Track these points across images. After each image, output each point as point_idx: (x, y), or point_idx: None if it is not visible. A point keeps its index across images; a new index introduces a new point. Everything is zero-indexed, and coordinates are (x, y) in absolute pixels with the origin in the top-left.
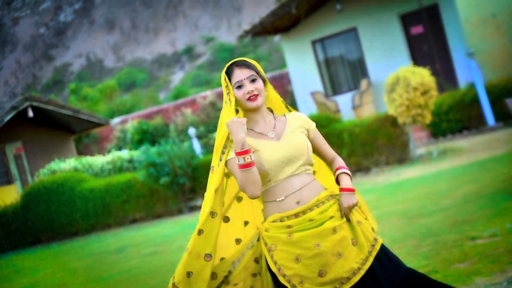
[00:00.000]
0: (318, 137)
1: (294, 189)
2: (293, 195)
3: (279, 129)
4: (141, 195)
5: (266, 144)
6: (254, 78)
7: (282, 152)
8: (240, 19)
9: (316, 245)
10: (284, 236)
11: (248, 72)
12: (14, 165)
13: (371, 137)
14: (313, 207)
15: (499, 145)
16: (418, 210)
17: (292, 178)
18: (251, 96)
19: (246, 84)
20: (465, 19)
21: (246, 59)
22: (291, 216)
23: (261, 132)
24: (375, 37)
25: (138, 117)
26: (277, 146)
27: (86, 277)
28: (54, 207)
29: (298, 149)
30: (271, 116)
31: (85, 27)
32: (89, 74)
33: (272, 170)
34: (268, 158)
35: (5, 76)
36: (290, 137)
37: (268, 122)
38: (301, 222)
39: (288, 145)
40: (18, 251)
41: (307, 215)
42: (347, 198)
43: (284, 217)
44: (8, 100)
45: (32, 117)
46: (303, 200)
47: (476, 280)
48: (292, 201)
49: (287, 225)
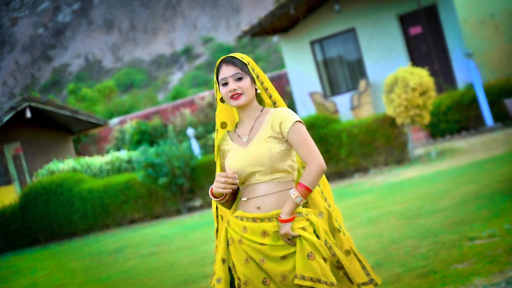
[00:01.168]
0: (292, 138)
1: (257, 194)
2: (255, 200)
3: (254, 131)
4: (140, 195)
5: (235, 151)
6: (239, 77)
7: (243, 160)
8: (238, 19)
9: (261, 260)
10: (237, 238)
11: (233, 70)
12: (13, 166)
13: (369, 138)
14: (273, 219)
15: (498, 145)
16: (417, 210)
17: (259, 185)
18: (234, 95)
19: (230, 82)
20: (463, 19)
21: (237, 55)
22: (249, 218)
23: (240, 134)
24: (373, 37)
25: (137, 118)
26: (241, 153)
27: (85, 277)
28: (52, 208)
29: (258, 158)
30: (257, 114)
31: (83, 27)
32: (87, 75)
33: (238, 175)
34: (231, 165)
35: (3, 77)
36: (255, 144)
37: (250, 123)
38: (255, 230)
39: (250, 155)
40: (17, 251)
41: (264, 224)
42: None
43: (244, 217)
44: (7, 100)
45: (30, 117)
46: (264, 208)
47: (475, 280)
48: (253, 205)
49: (243, 226)
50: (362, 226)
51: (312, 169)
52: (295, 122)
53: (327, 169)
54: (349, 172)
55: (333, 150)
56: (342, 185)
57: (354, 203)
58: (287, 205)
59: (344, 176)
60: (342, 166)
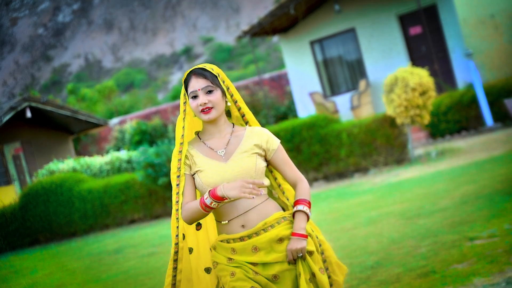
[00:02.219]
0: (279, 157)
1: (238, 213)
2: (237, 219)
3: (232, 146)
4: (140, 195)
5: (212, 165)
6: (210, 90)
7: (226, 175)
8: (238, 19)
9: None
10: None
11: (203, 83)
12: (13, 166)
13: (369, 138)
14: (260, 232)
15: (498, 145)
16: (417, 210)
17: (236, 201)
18: (204, 109)
19: (200, 96)
20: (463, 19)
21: (207, 67)
22: (236, 239)
23: (213, 147)
24: (373, 37)
25: (137, 118)
26: (222, 168)
27: (85, 277)
28: (52, 208)
29: (244, 173)
30: (230, 129)
31: (83, 27)
32: (87, 75)
33: None
34: (210, 180)
35: (3, 77)
36: (239, 159)
37: (223, 137)
38: (245, 247)
39: (234, 169)
40: (17, 251)
41: (253, 240)
42: (295, 242)
43: (230, 239)
44: (7, 100)
45: (30, 117)
46: (249, 224)
47: (475, 280)
48: (237, 225)
49: (231, 248)
50: (362, 226)
51: (306, 187)
52: (279, 143)
53: (328, 169)
54: (349, 172)
55: (333, 150)
56: (342, 185)
57: (354, 203)
58: (302, 220)
59: (344, 176)
60: (342, 166)
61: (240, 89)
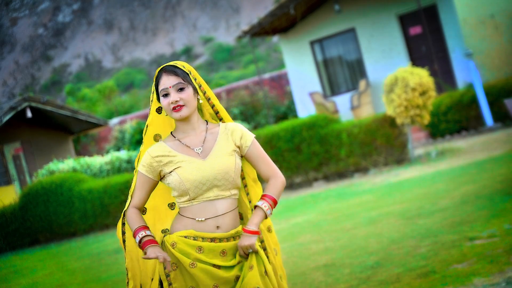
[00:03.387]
0: (253, 153)
1: (217, 213)
2: (214, 219)
3: (208, 144)
4: None
5: (191, 162)
6: (181, 87)
7: (205, 173)
8: (238, 19)
9: (214, 287)
10: (187, 261)
11: (174, 80)
12: (13, 166)
13: (369, 138)
14: (230, 238)
15: (498, 145)
16: (417, 210)
17: (217, 201)
18: (176, 107)
19: (172, 93)
20: (463, 19)
21: (178, 64)
22: (207, 238)
23: (188, 145)
24: (373, 37)
25: (137, 118)
26: (201, 165)
27: (85, 277)
28: (52, 208)
29: (223, 171)
30: (204, 126)
31: (83, 27)
32: (87, 75)
33: (192, 191)
34: (189, 177)
35: (3, 77)
36: (217, 156)
37: (198, 134)
38: (214, 249)
39: (213, 167)
40: (17, 251)
41: (223, 244)
42: (244, 239)
43: (199, 236)
44: (7, 100)
45: (30, 117)
46: (224, 227)
47: (475, 280)
48: (213, 224)
49: (198, 246)
50: (362, 226)
51: (278, 183)
52: (253, 138)
53: (328, 169)
54: (349, 172)
55: (333, 150)
56: (342, 185)
57: (354, 203)
58: (257, 216)
59: (344, 176)
60: (342, 166)
61: (240, 89)
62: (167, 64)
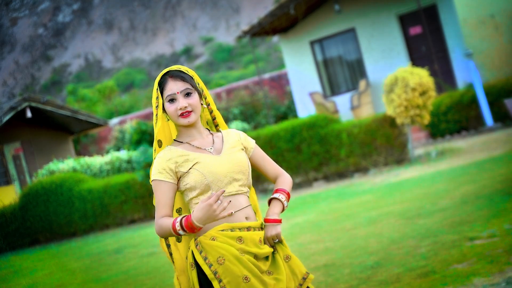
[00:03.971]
0: (258, 154)
1: (242, 206)
2: (241, 211)
3: (217, 144)
4: (140, 195)
5: (207, 158)
6: (188, 92)
7: (225, 166)
8: (238, 19)
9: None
10: (235, 251)
11: (182, 85)
12: (13, 166)
13: (369, 138)
14: (258, 229)
15: (497, 145)
16: (417, 210)
17: (238, 196)
18: (184, 113)
19: (179, 99)
20: (463, 19)
21: (182, 68)
22: (243, 228)
23: (200, 146)
24: (373, 37)
25: (137, 118)
26: (219, 160)
27: (85, 277)
28: (52, 208)
29: (240, 165)
30: (207, 131)
31: (83, 27)
32: (87, 75)
33: (215, 184)
34: (212, 169)
35: (3, 77)
36: (231, 153)
37: (205, 137)
38: (253, 237)
39: (230, 161)
40: (17, 251)
41: (258, 232)
42: (270, 229)
43: (235, 227)
44: (7, 100)
45: (30, 117)
46: (252, 218)
47: (475, 280)
48: (242, 216)
49: (238, 236)
50: (362, 226)
51: (288, 179)
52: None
53: (328, 169)
54: (349, 172)
55: (333, 150)
56: (342, 185)
57: (354, 203)
58: (276, 206)
59: (344, 176)
60: (342, 166)
61: (240, 89)
62: (172, 69)
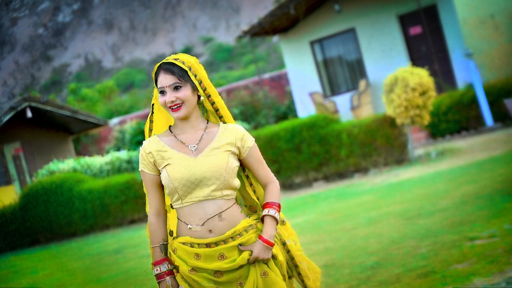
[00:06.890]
0: (252, 156)
1: (207, 216)
2: (205, 224)
3: (204, 142)
4: (140, 195)
5: (181, 159)
6: (177, 86)
7: (194, 170)
8: (238, 19)
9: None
10: (186, 269)
11: (171, 79)
12: (13, 166)
13: (369, 138)
14: (228, 240)
15: (498, 145)
16: (417, 210)
17: (205, 202)
18: (173, 106)
19: (168, 92)
20: (463, 19)
21: (179, 59)
22: (202, 244)
23: (184, 142)
24: (373, 37)
25: (137, 118)
26: (191, 162)
27: (85, 277)
28: (52, 208)
29: (215, 170)
30: (204, 125)
31: (83, 27)
32: (87, 75)
33: (180, 190)
34: (177, 175)
35: (3, 77)
36: (210, 155)
37: (196, 132)
38: (211, 255)
39: (203, 164)
40: (17, 251)
41: (220, 247)
42: (262, 251)
43: (194, 243)
44: (7, 100)
45: (30, 117)
46: (216, 230)
47: (475, 280)
48: (204, 230)
49: (195, 253)
50: (362, 226)
51: (276, 188)
52: (254, 141)
53: (328, 169)
54: (349, 172)
55: (333, 150)
56: (342, 185)
57: (354, 203)
58: (270, 227)
59: (344, 176)
60: (342, 166)
61: (240, 89)
62: (167, 60)
